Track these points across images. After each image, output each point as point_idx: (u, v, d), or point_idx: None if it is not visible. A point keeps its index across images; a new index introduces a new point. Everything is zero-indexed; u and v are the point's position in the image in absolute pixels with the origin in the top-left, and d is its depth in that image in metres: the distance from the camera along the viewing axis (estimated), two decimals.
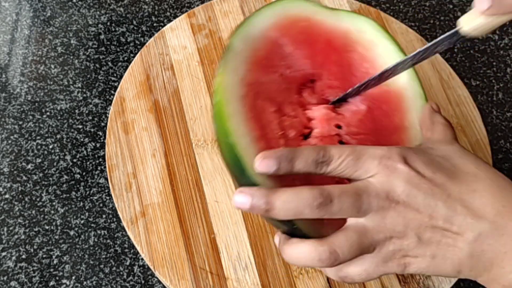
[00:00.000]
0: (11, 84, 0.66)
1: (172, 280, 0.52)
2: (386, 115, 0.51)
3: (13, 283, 0.55)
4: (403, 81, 0.51)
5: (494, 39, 0.70)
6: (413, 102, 0.51)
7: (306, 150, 0.41)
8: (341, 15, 0.55)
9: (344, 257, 0.40)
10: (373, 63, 0.53)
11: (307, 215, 0.40)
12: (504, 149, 0.63)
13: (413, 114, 0.50)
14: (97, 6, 0.71)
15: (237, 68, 0.49)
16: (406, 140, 0.49)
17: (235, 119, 0.46)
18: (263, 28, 0.52)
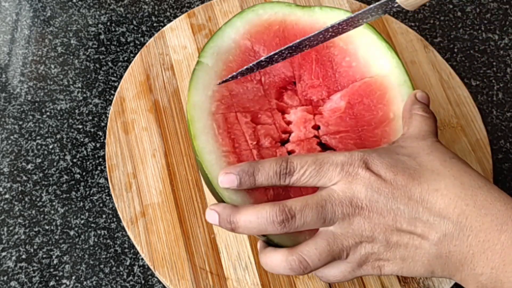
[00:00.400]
0: (11, 84, 0.66)
1: (172, 280, 0.52)
2: (368, 109, 0.51)
3: (13, 283, 0.55)
4: (386, 69, 0.51)
5: (494, 39, 0.70)
6: (398, 90, 0.50)
7: (267, 163, 0.43)
8: (316, 12, 0.55)
9: (314, 265, 0.41)
10: (355, 56, 0.52)
11: (271, 232, 0.41)
12: (504, 149, 0.63)
13: (399, 103, 0.50)
14: (97, 6, 0.71)
15: (207, 84, 0.50)
16: (391, 132, 0.49)
17: (203, 136, 0.47)
18: (234, 39, 0.53)
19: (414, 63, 0.64)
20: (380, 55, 0.52)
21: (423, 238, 0.40)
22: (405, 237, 0.40)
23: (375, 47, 0.52)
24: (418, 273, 0.41)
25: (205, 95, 0.49)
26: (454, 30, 0.71)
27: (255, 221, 0.41)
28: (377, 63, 0.52)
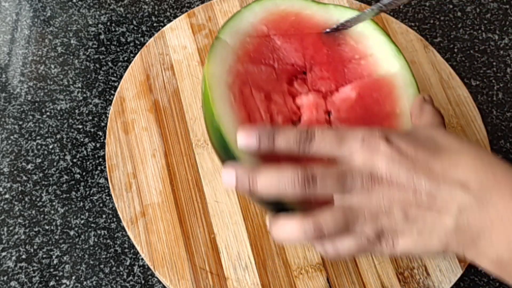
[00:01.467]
0: (11, 84, 0.66)
1: (172, 280, 0.52)
2: (377, 102, 0.51)
3: (13, 283, 0.55)
4: (394, 70, 0.52)
5: (494, 39, 0.70)
6: (404, 90, 0.51)
7: (289, 129, 0.42)
8: (331, 9, 0.56)
9: (329, 232, 0.40)
10: (364, 54, 0.53)
11: (290, 194, 0.40)
12: (504, 149, 0.63)
13: (404, 101, 0.51)
14: (97, 6, 0.71)
15: (225, 58, 0.51)
16: (397, 126, 0.50)
17: (221, 103, 0.47)
18: (252, 23, 0.54)
19: (414, 63, 0.64)
20: (388, 56, 0.53)
21: (443, 211, 0.39)
22: (423, 210, 0.40)
23: (385, 48, 0.53)
24: (433, 247, 0.40)
25: (223, 67, 0.50)
26: (454, 30, 0.71)
27: (276, 180, 0.40)
28: (386, 63, 0.53)
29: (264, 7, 0.55)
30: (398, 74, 0.52)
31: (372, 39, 0.54)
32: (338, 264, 0.54)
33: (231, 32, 0.52)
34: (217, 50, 0.50)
